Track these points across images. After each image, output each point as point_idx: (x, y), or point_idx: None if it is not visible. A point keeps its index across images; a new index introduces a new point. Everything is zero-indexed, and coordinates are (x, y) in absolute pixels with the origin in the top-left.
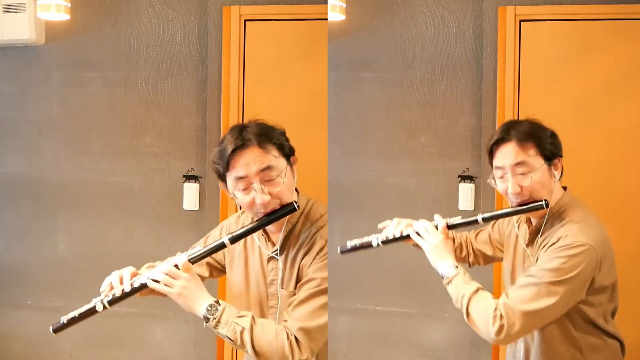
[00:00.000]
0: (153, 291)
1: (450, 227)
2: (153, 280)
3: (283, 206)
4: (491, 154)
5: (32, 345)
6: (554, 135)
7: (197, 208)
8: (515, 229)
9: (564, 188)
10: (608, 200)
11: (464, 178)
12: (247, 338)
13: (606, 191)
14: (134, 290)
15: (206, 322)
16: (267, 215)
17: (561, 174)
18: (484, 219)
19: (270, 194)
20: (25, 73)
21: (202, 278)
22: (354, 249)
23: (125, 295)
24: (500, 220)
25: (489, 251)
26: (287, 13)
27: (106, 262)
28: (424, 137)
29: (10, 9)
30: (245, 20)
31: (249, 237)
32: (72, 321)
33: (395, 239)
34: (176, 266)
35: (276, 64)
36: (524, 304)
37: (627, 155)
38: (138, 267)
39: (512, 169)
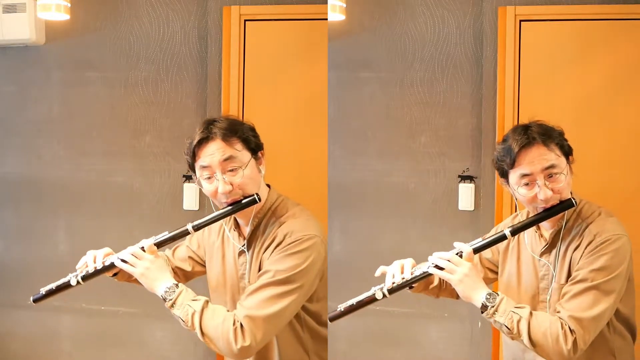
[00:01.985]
0: (130, 277)
1: (476, 251)
2: (121, 260)
3: (245, 197)
4: (512, 163)
5: (32, 345)
6: (563, 132)
7: (197, 208)
8: (524, 239)
9: None
10: (608, 200)
11: (464, 178)
12: (196, 320)
13: (606, 191)
14: (104, 268)
15: (164, 302)
16: (230, 205)
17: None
18: (512, 233)
19: (231, 184)
20: (25, 73)
21: (185, 272)
22: (350, 310)
23: (96, 272)
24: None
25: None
26: (287, 13)
27: None
28: (424, 137)
29: (10, 9)
30: (245, 20)
31: (226, 233)
32: (50, 292)
33: (406, 283)
34: (142, 249)
35: (276, 64)
36: (589, 311)
37: (627, 155)
38: None
39: (544, 175)
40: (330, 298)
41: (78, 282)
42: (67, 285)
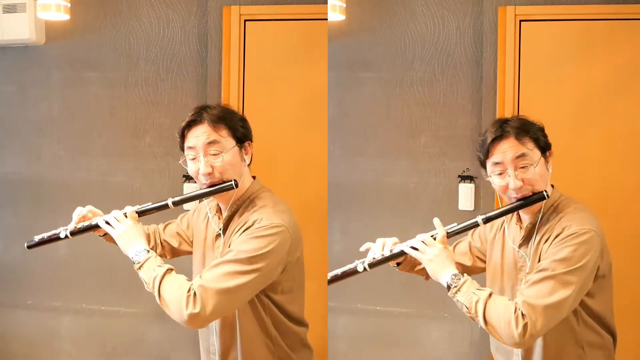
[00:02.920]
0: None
1: (449, 235)
2: (105, 221)
3: (223, 182)
4: (487, 152)
5: (32, 345)
6: (543, 129)
7: None
8: (506, 230)
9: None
10: (608, 200)
11: (464, 178)
12: (157, 283)
13: (606, 191)
14: (90, 227)
15: (133, 264)
16: (209, 186)
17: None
18: (485, 221)
19: (212, 167)
20: (25, 73)
21: (172, 247)
22: (335, 280)
23: (84, 229)
24: (481, 230)
25: (467, 262)
26: (287, 13)
27: (106, 262)
28: (424, 137)
29: (10, 9)
30: (245, 20)
31: (210, 217)
32: (42, 242)
33: (385, 259)
34: (125, 215)
35: (276, 64)
36: (544, 299)
37: (626, 155)
38: None
39: (514, 163)
40: (330, 298)
41: (67, 236)
42: (57, 237)
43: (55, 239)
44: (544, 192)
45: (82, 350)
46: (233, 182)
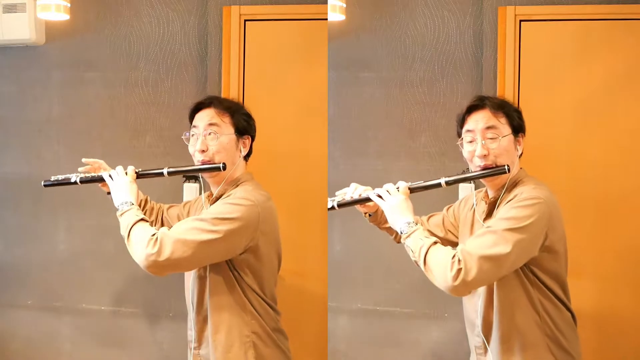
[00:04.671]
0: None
1: (412, 190)
2: (109, 175)
3: (213, 163)
4: (462, 121)
5: (32, 345)
6: (520, 112)
7: None
8: (474, 207)
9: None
10: (608, 200)
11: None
12: (129, 227)
13: (606, 191)
14: (96, 179)
15: (117, 211)
16: (199, 164)
17: (521, 153)
18: (447, 183)
19: (207, 146)
20: (25, 73)
21: (170, 226)
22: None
23: (92, 180)
24: (457, 204)
25: (439, 233)
26: (287, 13)
27: (106, 262)
28: (424, 137)
29: (10, 9)
30: (245, 20)
31: (203, 203)
32: (56, 182)
33: (353, 202)
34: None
35: (276, 64)
36: (482, 250)
37: (627, 155)
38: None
39: (483, 133)
40: (330, 298)
41: (76, 182)
42: (67, 182)
43: (66, 183)
44: (506, 166)
45: (82, 350)
46: (222, 165)
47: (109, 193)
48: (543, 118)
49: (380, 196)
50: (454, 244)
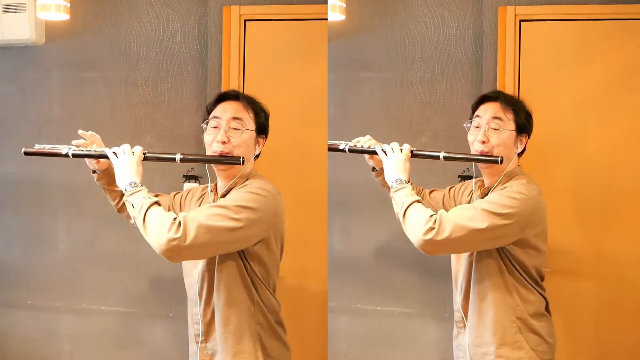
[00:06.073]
0: (106, 183)
1: (413, 154)
2: (113, 152)
3: (232, 156)
4: (476, 107)
5: (32, 345)
6: (530, 115)
7: None
8: (475, 196)
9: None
10: (608, 200)
11: (464, 178)
12: (144, 209)
13: (606, 191)
14: (95, 155)
15: (124, 193)
16: (218, 155)
17: (522, 152)
18: (445, 157)
19: (229, 139)
20: (25, 73)
21: None
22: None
23: (87, 155)
24: (457, 188)
25: (439, 209)
26: (287, 13)
27: (106, 262)
28: (424, 137)
29: (10, 9)
30: (245, 20)
31: (206, 194)
32: (40, 152)
33: (362, 150)
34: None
35: (276, 64)
36: (459, 219)
37: (627, 154)
38: (139, 265)
39: (488, 121)
40: (330, 298)
41: (67, 155)
42: (58, 154)
43: (57, 154)
44: (499, 158)
45: (82, 350)
46: (241, 159)
47: (94, 172)
48: (543, 118)
49: (385, 152)
50: None
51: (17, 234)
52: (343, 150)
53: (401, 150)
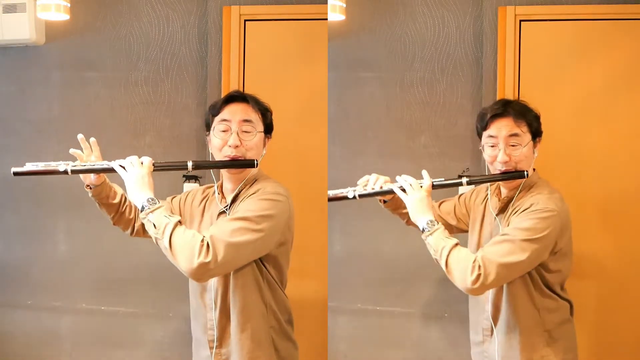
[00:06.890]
0: (104, 200)
1: (435, 186)
2: (120, 165)
3: (245, 159)
4: (485, 125)
5: (32, 345)
6: (538, 117)
7: None
8: (489, 200)
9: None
10: (608, 200)
11: (464, 177)
12: (168, 230)
13: (606, 191)
14: (99, 169)
15: (141, 211)
16: (231, 160)
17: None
18: (468, 182)
19: (241, 141)
20: (25, 73)
21: None
22: (329, 199)
23: (89, 170)
24: (468, 195)
25: (451, 221)
26: (287, 13)
27: (106, 262)
28: (424, 137)
29: (10, 9)
30: (245, 20)
31: (209, 199)
32: (33, 172)
33: (374, 193)
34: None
35: (276, 64)
36: (501, 257)
37: (627, 154)
38: (139, 265)
39: (506, 140)
40: (330, 298)
41: (65, 172)
42: (54, 171)
43: (51, 172)
44: (525, 172)
45: (82, 350)
46: (255, 161)
47: (88, 187)
48: (543, 118)
49: (403, 189)
50: (460, 231)
51: (17, 234)
52: (353, 198)
53: (421, 186)
